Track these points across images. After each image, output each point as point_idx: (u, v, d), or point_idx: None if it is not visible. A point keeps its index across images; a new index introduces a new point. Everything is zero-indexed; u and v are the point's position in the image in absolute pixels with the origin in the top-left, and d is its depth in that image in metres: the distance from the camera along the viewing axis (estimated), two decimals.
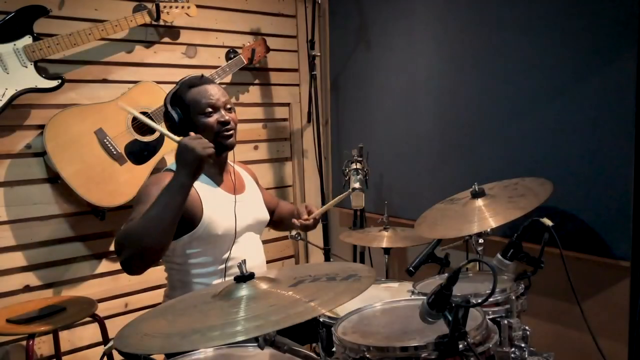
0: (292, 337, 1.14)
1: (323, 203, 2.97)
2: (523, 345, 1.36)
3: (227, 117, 1.80)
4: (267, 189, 3.09)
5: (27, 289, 2.35)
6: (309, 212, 1.95)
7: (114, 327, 2.32)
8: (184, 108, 1.78)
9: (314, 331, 1.61)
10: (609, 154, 1.83)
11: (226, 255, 1.80)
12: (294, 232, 2.39)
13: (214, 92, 1.81)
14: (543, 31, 2.00)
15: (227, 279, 1.76)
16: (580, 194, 1.91)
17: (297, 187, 3.24)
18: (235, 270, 1.13)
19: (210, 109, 1.77)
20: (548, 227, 1.45)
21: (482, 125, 2.25)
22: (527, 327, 1.41)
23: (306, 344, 1.95)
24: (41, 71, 2.24)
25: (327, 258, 2.78)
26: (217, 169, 1.87)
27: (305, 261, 3.27)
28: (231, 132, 1.81)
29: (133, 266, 1.55)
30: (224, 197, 1.84)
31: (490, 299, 1.10)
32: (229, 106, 1.83)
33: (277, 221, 2.15)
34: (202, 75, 1.86)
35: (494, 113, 2.20)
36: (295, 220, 1.94)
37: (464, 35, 2.31)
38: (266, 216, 2.02)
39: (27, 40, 2.19)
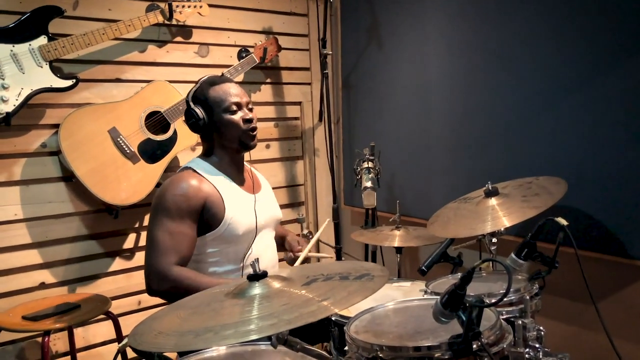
0: (303, 335, 1.14)
1: (334, 201, 2.97)
2: (537, 345, 1.35)
3: (251, 115, 1.84)
4: (279, 187, 3.11)
5: (43, 286, 2.38)
6: (298, 250, 2.00)
7: (127, 324, 2.34)
8: (207, 106, 1.81)
9: (325, 330, 1.61)
10: (625, 152, 1.80)
11: (245, 254, 1.81)
12: (305, 231, 2.42)
13: (238, 91, 1.85)
14: (559, 28, 1.97)
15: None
16: (596, 193, 1.89)
17: (309, 186, 3.24)
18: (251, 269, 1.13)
19: (235, 107, 1.81)
20: (563, 226, 1.44)
21: (495, 123, 2.23)
22: (541, 328, 1.40)
23: (317, 343, 1.95)
24: (56, 71, 2.26)
25: (338, 257, 2.78)
26: (236, 168, 1.89)
27: (317, 260, 3.26)
28: (255, 131, 1.85)
29: (159, 297, 1.73)
30: (244, 196, 1.85)
31: (504, 299, 1.09)
32: (250, 106, 1.87)
33: None
34: (222, 74, 1.87)
35: (508, 111, 2.18)
36: (291, 254, 2.01)
37: (476, 32, 2.29)
38: (280, 214, 2.04)
39: (42, 40, 2.21)
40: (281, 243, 2.11)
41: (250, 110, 1.86)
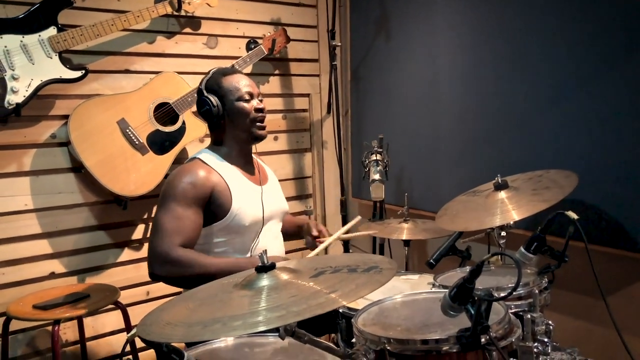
0: (310, 327, 1.14)
1: (342, 193, 2.97)
2: (546, 340, 1.35)
3: (262, 105, 1.88)
4: (287, 179, 3.10)
5: (53, 276, 2.40)
6: (318, 235, 1.96)
7: (135, 314, 2.36)
8: (219, 95, 1.84)
9: (332, 321, 1.61)
10: (636, 146, 1.78)
11: (251, 245, 1.82)
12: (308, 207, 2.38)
13: (250, 82, 1.90)
14: (569, 22, 1.95)
15: None
16: (607, 186, 1.87)
17: (317, 178, 3.23)
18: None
19: (248, 96, 1.85)
20: (573, 220, 1.42)
21: (505, 116, 2.21)
22: (550, 322, 1.39)
23: (324, 334, 1.96)
24: (65, 62, 2.27)
25: (346, 249, 2.78)
26: (244, 159, 1.91)
27: (324, 252, 3.26)
28: (265, 121, 1.89)
29: (163, 281, 1.72)
30: (251, 188, 1.86)
31: (513, 293, 1.08)
32: (260, 98, 1.91)
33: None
34: (233, 66, 1.90)
35: (518, 103, 2.15)
36: (309, 238, 1.97)
37: (486, 25, 2.26)
38: (287, 206, 2.05)
39: (51, 31, 2.21)
40: (297, 232, 2.10)
41: (261, 101, 1.89)
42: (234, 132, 1.86)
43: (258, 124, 1.86)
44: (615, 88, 1.83)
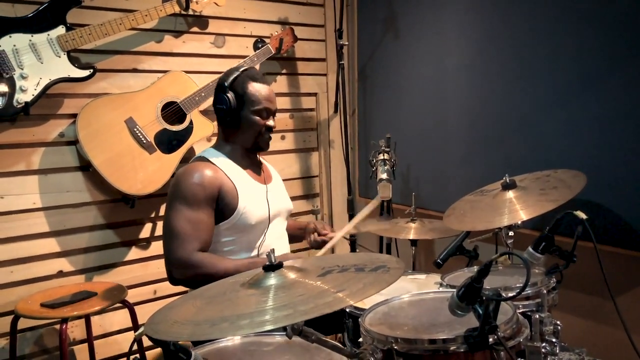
0: (317, 326, 1.14)
1: (349, 193, 2.96)
2: (554, 340, 1.34)
3: (273, 124, 1.90)
4: (294, 179, 3.10)
5: (60, 274, 2.41)
6: (320, 233, 1.99)
7: (143, 313, 2.37)
8: (240, 99, 1.84)
9: (339, 321, 1.61)
10: None
11: (258, 243, 1.83)
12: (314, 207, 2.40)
13: (273, 98, 1.90)
14: (578, 20, 1.93)
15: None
16: (615, 186, 1.85)
17: (324, 178, 3.23)
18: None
19: (266, 113, 1.87)
20: (582, 220, 1.42)
21: (513, 115, 2.20)
22: (558, 322, 1.39)
23: (331, 333, 1.96)
24: (74, 61, 2.28)
25: (353, 249, 2.78)
26: (249, 159, 1.92)
27: (331, 251, 3.26)
28: (271, 138, 1.92)
29: (183, 285, 1.78)
30: (257, 187, 1.88)
31: (521, 293, 1.07)
32: (276, 113, 1.93)
33: None
34: (263, 74, 1.94)
35: (526, 103, 2.14)
36: (313, 237, 1.99)
37: (494, 25, 2.25)
38: (291, 205, 2.06)
39: (60, 30, 2.23)
40: (299, 235, 2.11)
41: (274, 117, 1.91)
42: (241, 135, 1.89)
43: (265, 139, 1.89)
44: (624, 87, 1.81)
